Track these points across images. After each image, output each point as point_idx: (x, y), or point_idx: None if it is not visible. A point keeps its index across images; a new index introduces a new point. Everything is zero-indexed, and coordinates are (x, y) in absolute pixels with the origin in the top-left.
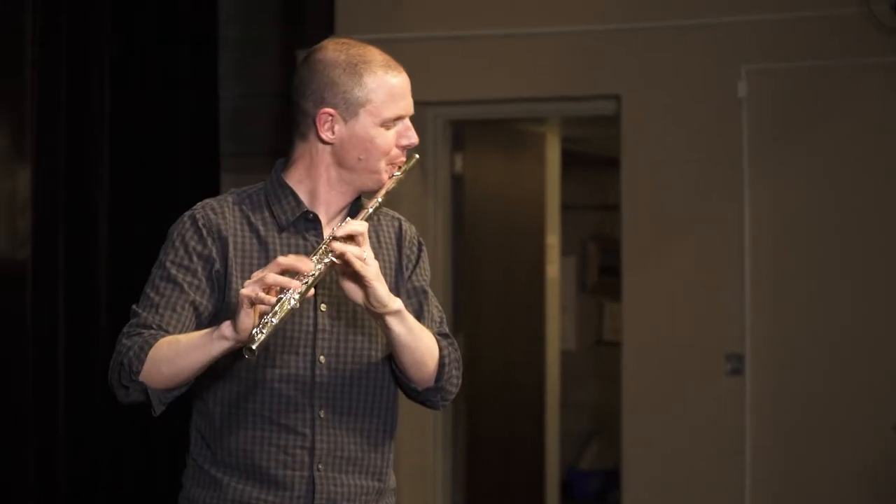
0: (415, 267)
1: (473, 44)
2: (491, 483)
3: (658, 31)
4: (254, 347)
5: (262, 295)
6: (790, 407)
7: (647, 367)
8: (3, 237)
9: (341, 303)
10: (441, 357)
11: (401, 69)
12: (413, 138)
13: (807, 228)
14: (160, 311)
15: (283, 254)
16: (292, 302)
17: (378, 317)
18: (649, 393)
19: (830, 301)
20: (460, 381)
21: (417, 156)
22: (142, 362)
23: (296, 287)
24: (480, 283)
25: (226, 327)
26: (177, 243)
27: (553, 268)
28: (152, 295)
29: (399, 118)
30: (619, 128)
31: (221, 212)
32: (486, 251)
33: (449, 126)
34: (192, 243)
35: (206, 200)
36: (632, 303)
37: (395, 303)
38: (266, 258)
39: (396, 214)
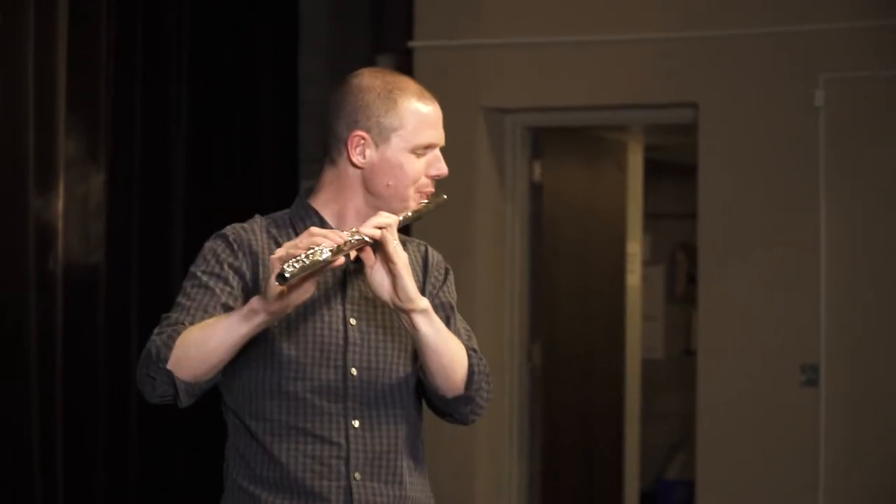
0: (441, 285)
1: (552, 50)
2: (569, 493)
3: (736, 39)
4: (286, 275)
5: (294, 252)
6: (865, 418)
7: (722, 375)
8: (76, 242)
9: (370, 317)
10: (470, 365)
11: (433, 100)
12: (443, 169)
13: (884, 238)
14: (191, 312)
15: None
16: (325, 253)
17: (405, 313)
18: (724, 402)
19: None
20: (490, 397)
21: (446, 196)
22: (169, 349)
23: (328, 245)
24: (559, 291)
25: (254, 300)
26: (208, 256)
27: (634, 276)
28: (183, 301)
29: (430, 147)
30: (696, 136)
31: (251, 229)
32: (565, 260)
33: (527, 133)
34: (224, 255)
35: (233, 224)
36: (708, 311)
37: (423, 301)
38: None
39: (422, 242)
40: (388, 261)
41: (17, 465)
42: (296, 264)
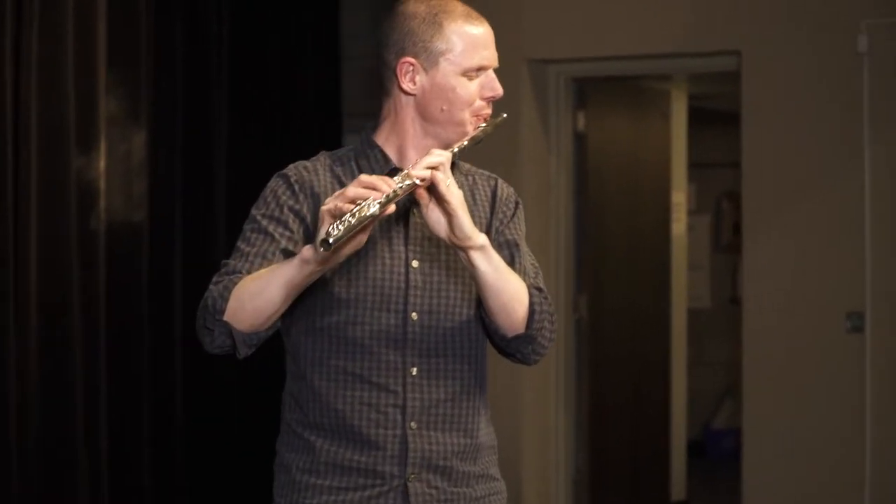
0: (509, 221)
1: (595, 0)
2: (618, 443)
3: None
4: (330, 241)
5: (342, 206)
6: None
7: (768, 324)
8: (119, 200)
9: (434, 259)
10: (532, 304)
11: (483, 21)
12: (497, 90)
13: None
14: (250, 258)
15: None
16: (373, 208)
17: (463, 250)
18: (770, 350)
19: None
20: (554, 336)
21: (505, 115)
22: (226, 300)
23: (376, 197)
24: (604, 242)
25: (306, 249)
26: (269, 198)
27: (679, 226)
28: (243, 246)
29: (481, 68)
30: (739, 85)
31: (314, 170)
32: (610, 210)
33: (571, 83)
34: (284, 198)
35: (298, 162)
36: (753, 260)
37: (480, 237)
38: None
39: (493, 175)
40: (441, 200)
41: (62, 421)
42: (340, 226)
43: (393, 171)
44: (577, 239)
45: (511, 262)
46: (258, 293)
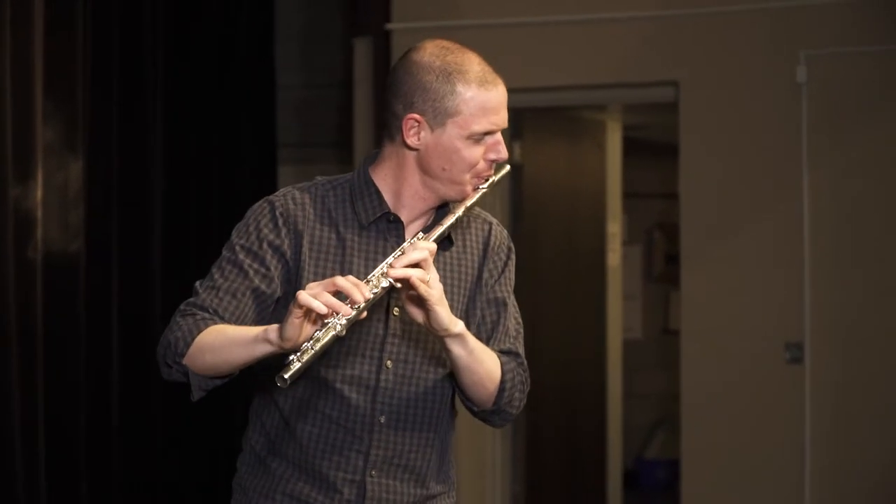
0: (500, 276)
1: (531, 31)
2: (552, 474)
3: (716, 16)
4: (286, 377)
5: (315, 304)
6: (850, 395)
7: (706, 355)
8: (55, 230)
9: None
10: (502, 382)
11: (498, 81)
12: (501, 153)
13: (866, 216)
14: (220, 294)
15: (360, 255)
16: (338, 328)
17: (439, 338)
18: (709, 381)
19: (890, 289)
20: (523, 403)
21: (508, 167)
22: (188, 345)
23: (345, 313)
24: (540, 272)
25: (272, 331)
26: (251, 227)
27: (615, 256)
28: (216, 276)
29: (489, 133)
30: (677, 115)
31: (302, 203)
32: (545, 240)
33: (509, 114)
34: (266, 231)
35: (290, 188)
36: (691, 291)
37: (457, 326)
38: (343, 255)
39: (489, 218)
40: (420, 300)
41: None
42: (299, 361)
43: (387, 216)
44: None
45: (496, 322)
46: (217, 350)
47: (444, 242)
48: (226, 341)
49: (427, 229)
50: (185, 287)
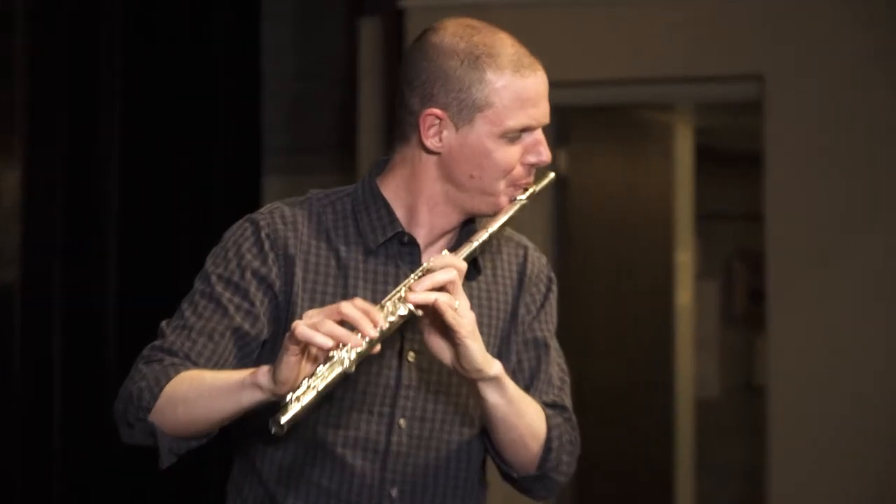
0: (538, 311)
1: (578, 11)
2: None
3: None
4: (282, 421)
5: (317, 339)
6: None
7: (799, 416)
8: None
9: None
10: (549, 440)
11: (537, 66)
12: (544, 155)
13: None
14: (192, 335)
15: (366, 285)
16: (346, 363)
17: (470, 382)
18: (803, 450)
19: None
20: (573, 468)
21: (553, 174)
22: (155, 397)
23: (355, 344)
24: (589, 311)
25: (262, 374)
26: (230, 253)
27: (686, 293)
28: (188, 314)
29: (527, 129)
30: (761, 117)
31: (293, 222)
32: (596, 270)
33: (552, 114)
34: (249, 257)
35: (278, 204)
36: (780, 336)
37: (493, 367)
38: (344, 286)
39: (524, 241)
40: (448, 329)
41: None
42: (298, 404)
43: (400, 237)
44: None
45: (536, 369)
46: (194, 401)
47: (470, 270)
48: (204, 390)
49: (451, 250)
50: (147, 328)
